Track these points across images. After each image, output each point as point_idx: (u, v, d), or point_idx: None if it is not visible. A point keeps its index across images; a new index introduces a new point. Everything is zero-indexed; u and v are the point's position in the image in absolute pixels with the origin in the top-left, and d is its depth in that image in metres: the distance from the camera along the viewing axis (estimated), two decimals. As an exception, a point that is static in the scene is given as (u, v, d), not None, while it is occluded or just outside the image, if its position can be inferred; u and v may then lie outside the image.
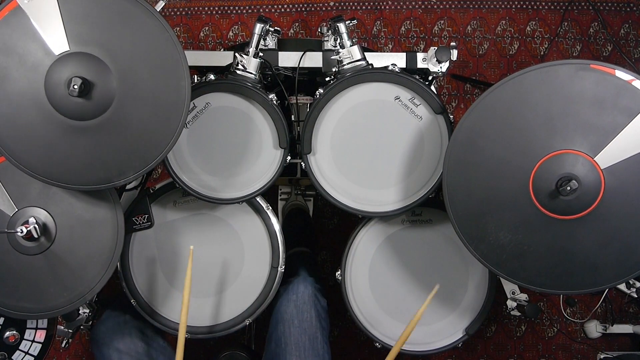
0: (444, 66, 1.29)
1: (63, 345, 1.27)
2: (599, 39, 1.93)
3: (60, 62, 0.90)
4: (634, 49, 1.93)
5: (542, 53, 1.93)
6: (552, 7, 1.93)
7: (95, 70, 0.91)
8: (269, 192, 1.40)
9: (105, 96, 0.92)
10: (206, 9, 1.94)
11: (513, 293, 1.34)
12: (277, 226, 1.28)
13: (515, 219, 1.00)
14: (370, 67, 1.20)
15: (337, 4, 1.93)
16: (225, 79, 1.19)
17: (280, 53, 1.28)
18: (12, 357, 1.20)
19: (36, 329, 1.22)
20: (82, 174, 0.97)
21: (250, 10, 1.94)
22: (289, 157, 1.20)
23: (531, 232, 1.00)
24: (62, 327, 1.25)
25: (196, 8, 1.94)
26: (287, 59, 1.29)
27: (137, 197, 1.29)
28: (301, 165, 1.25)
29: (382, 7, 1.94)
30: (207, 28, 1.94)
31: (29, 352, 1.22)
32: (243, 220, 1.30)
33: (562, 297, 1.80)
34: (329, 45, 1.27)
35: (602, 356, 1.77)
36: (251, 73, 1.19)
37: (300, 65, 1.28)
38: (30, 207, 1.05)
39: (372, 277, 1.29)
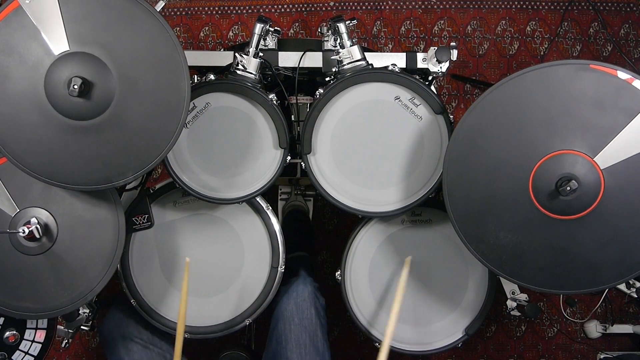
0: (444, 66, 1.29)
1: (63, 345, 1.27)
2: (599, 39, 1.93)
3: (61, 62, 0.90)
4: (634, 49, 1.93)
5: (542, 53, 1.93)
6: (552, 7, 1.93)
7: (95, 70, 0.91)
8: (269, 192, 1.40)
9: (105, 96, 0.92)
10: (206, 9, 1.94)
11: (513, 293, 1.34)
12: (277, 226, 1.29)
13: (515, 219, 1.00)
14: (370, 67, 1.21)
15: (337, 4, 1.94)
16: (225, 79, 1.19)
17: (280, 53, 1.28)
18: (12, 357, 1.20)
19: (36, 329, 1.22)
20: (82, 174, 0.97)
21: (250, 10, 1.94)
22: (289, 157, 1.20)
23: (531, 232, 1.00)
24: (62, 327, 1.25)
25: (196, 8, 1.94)
26: (287, 59, 1.29)
27: (137, 197, 1.29)
28: (301, 165, 1.25)
29: (382, 7, 1.94)
30: (207, 28, 1.94)
31: (29, 352, 1.22)
32: (243, 220, 1.30)
33: (562, 297, 1.80)
34: (329, 45, 1.27)
35: (602, 356, 1.77)
36: (251, 73, 1.20)
37: (300, 65, 1.28)
38: (31, 208, 1.05)
39: (372, 277, 1.29)
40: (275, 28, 1.28)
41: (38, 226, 1.03)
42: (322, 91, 1.18)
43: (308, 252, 1.68)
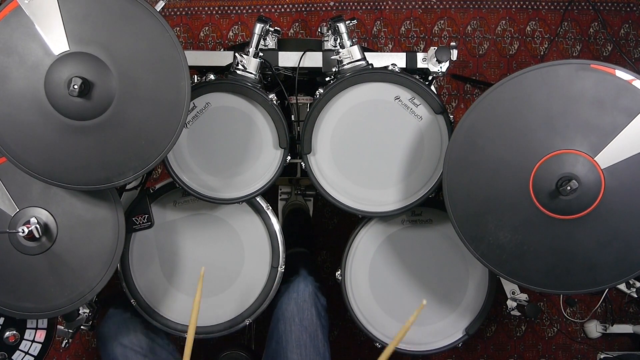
0: (444, 66, 1.29)
1: (63, 345, 1.27)
2: (599, 39, 1.93)
3: (60, 62, 0.90)
4: (634, 49, 1.93)
5: (542, 53, 1.93)
6: (552, 7, 1.93)
7: (95, 70, 0.91)
8: (269, 192, 1.40)
9: (105, 96, 0.92)
10: (206, 9, 1.94)
11: (513, 293, 1.34)
12: (277, 226, 1.28)
13: (515, 219, 1.00)
14: (370, 67, 1.21)
15: (337, 4, 1.93)
16: (225, 79, 1.19)
17: (280, 53, 1.28)
18: (12, 357, 1.20)
19: (36, 329, 1.22)
20: (82, 174, 0.97)
21: (250, 10, 1.94)
22: (289, 157, 1.20)
23: (531, 232, 1.00)
24: (62, 327, 1.25)
25: (196, 8, 1.94)
26: (287, 59, 1.29)
27: (137, 197, 1.29)
28: (301, 165, 1.25)
29: (382, 7, 1.94)
30: (207, 28, 1.94)
31: (29, 352, 1.22)
32: (243, 220, 1.30)
33: (562, 297, 1.79)
34: (329, 45, 1.27)
35: (602, 356, 1.76)
36: (251, 73, 1.19)
37: (300, 65, 1.28)
38: (31, 207, 1.05)
39: (372, 277, 1.29)
40: (275, 28, 1.27)
41: (37, 226, 1.03)
42: (322, 91, 1.18)
43: (308, 249, 1.67)
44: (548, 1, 1.93)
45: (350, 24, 1.23)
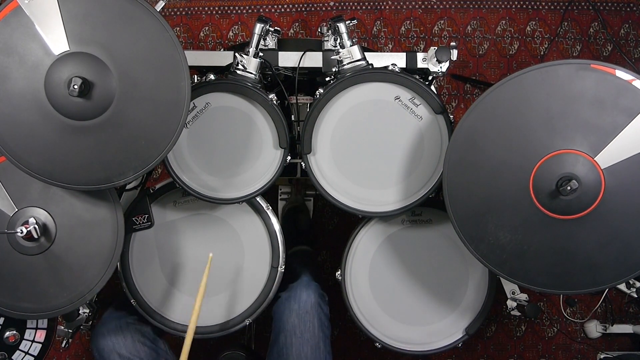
0: (444, 66, 1.29)
1: (63, 345, 1.27)
2: (599, 39, 1.93)
3: (60, 62, 0.90)
4: (634, 49, 1.93)
5: (542, 53, 1.93)
6: (552, 7, 1.93)
7: (95, 70, 0.91)
8: (269, 192, 1.40)
9: (105, 96, 0.92)
10: (206, 9, 1.94)
11: (513, 293, 1.34)
12: (277, 226, 1.28)
13: (515, 219, 1.00)
14: (370, 67, 1.20)
15: (337, 4, 1.93)
16: (225, 79, 1.19)
17: (280, 53, 1.28)
18: (12, 357, 1.20)
19: (36, 329, 1.22)
20: (82, 174, 0.97)
21: (250, 10, 1.94)
22: (289, 157, 1.20)
23: (531, 232, 1.00)
24: (62, 327, 1.25)
25: (196, 8, 1.94)
26: (287, 59, 1.29)
27: (137, 197, 1.29)
28: (301, 165, 1.25)
29: (382, 7, 1.93)
30: (207, 28, 1.94)
31: (29, 352, 1.22)
32: (243, 220, 1.30)
33: (562, 297, 1.79)
34: (329, 45, 1.27)
35: (602, 356, 1.76)
36: (251, 73, 1.19)
37: (300, 65, 1.28)
38: (30, 207, 1.05)
39: (372, 277, 1.29)
40: (275, 28, 1.27)
41: (36, 226, 1.03)
42: (322, 91, 1.18)
43: (310, 246, 1.65)
44: (548, 1, 1.93)
45: (350, 24, 1.23)
